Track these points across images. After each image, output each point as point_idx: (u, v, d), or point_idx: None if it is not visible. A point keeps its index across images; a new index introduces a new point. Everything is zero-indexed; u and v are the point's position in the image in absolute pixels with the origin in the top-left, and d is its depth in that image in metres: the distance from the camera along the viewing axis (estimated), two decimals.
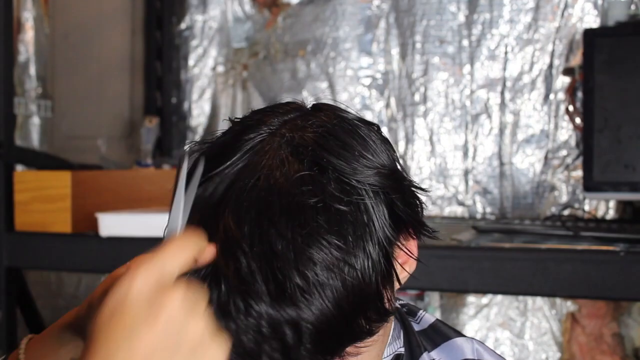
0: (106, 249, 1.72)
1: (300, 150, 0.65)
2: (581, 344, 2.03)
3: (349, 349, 0.64)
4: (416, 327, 0.81)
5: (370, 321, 0.64)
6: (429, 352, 0.79)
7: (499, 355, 0.82)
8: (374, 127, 0.71)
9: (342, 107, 0.72)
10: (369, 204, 0.64)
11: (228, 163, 0.65)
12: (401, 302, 0.83)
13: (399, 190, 0.67)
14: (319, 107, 0.71)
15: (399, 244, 0.68)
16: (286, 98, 2.34)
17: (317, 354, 0.61)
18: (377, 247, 0.63)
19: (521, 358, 2.08)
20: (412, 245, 0.70)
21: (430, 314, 0.83)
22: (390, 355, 0.75)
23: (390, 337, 0.75)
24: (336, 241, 0.61)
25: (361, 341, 0.64)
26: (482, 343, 0.82)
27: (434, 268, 1.47)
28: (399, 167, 0.70)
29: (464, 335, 0.82)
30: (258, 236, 0.61)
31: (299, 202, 0.61)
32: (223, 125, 0.73)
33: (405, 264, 0.69)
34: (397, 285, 0.68)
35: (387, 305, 0.65)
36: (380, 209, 0.65)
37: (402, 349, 0.77)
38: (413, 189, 0.70)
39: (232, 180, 0.64)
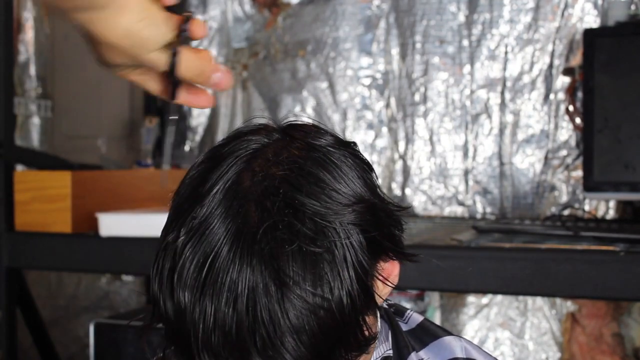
0: (106, 249, 1.72)
1: (272, 192, 0.63)
2: (581, 344, 2.03)
3: None
4: (404, 327, 0.81)
5: (349, 351, 0.63)
6: (417, 351, 0.79)
7: (488, 354, 0.82)
8: (348, 149, 0.69)
9: (317, 124, 0.70)
10: (345, 241, 0.63)
11: (203, 211, 0.64)
12: (389, 302, 0.83)
13: (377, 225, 0.66)
14: (291, 133, 0.69)
15: (377, 271, 0.67)
16: (286, 98, 2.34)
17: None
18: (355, 283, 0.62)
19: (521, 358, 2.08)
20: (394, 266, 0.69)
21: (417, 314, 0.83)
22: (378, 357, 0.75)
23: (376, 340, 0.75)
24: (311, 287, 0.60)
25: None
26: (470, 342, 0.82)
27: (434, 268, 1.47)
28: (378, 190, 0.69)
29: (452, 334, 0.82)
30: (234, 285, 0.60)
31: (273, 249, 0.60)
32: (223, 127, 0.73)
33: (385, 282, 0.68)
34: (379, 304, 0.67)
35: (367, 332, 0.64)
36: (358, 243, 0.64)
37: (390, 351, 0.76)
38: (393, 211, 0.69)
39: (205, 227, 0.63)
